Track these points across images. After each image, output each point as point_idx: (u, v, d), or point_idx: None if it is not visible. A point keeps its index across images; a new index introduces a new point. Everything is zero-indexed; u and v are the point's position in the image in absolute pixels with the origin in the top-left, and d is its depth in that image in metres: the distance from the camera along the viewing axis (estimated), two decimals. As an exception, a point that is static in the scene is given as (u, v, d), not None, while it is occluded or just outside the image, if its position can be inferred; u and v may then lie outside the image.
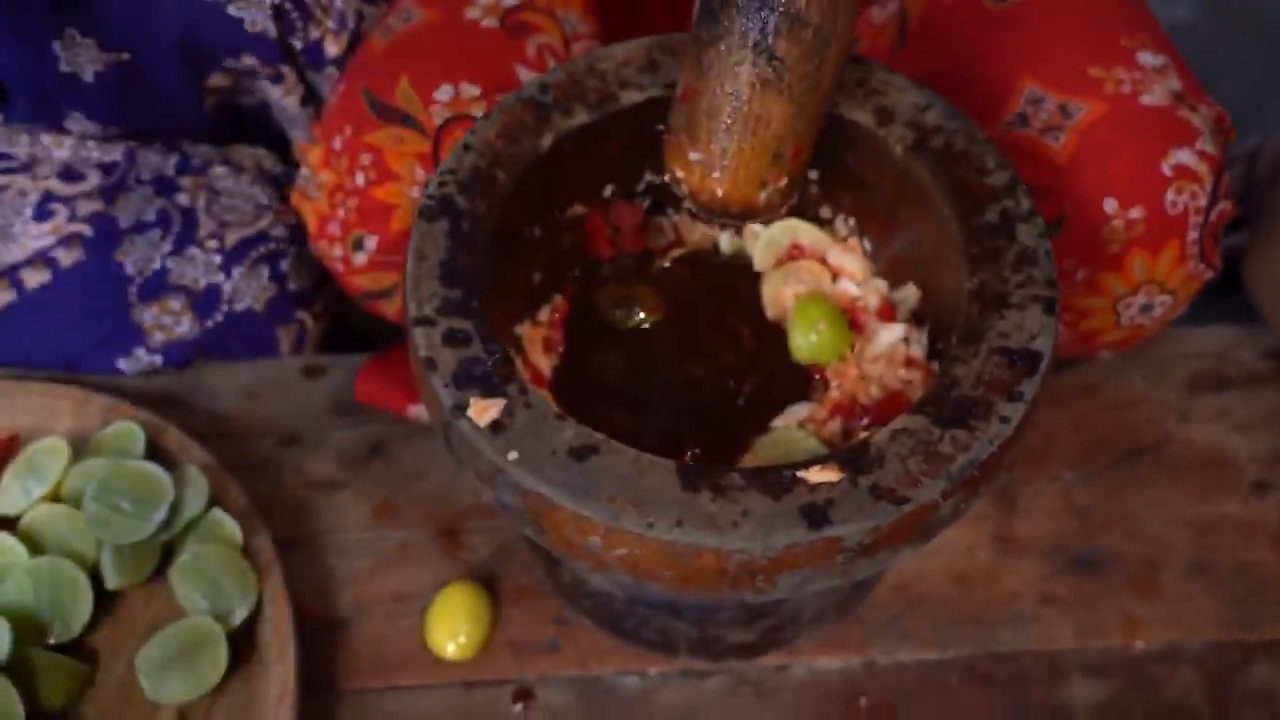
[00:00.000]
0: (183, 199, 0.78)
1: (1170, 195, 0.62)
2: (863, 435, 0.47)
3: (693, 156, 0.55)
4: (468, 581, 0.68)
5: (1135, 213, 0.62)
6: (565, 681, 0.66)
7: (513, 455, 0.46)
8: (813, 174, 0.62)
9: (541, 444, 0.46)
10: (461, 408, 0.47)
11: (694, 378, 0.58)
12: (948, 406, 0.47)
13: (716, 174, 0.55)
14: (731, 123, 0.53)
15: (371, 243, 0.65)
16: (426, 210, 0.54)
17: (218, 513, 0.68)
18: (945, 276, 0.55)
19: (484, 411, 0.47)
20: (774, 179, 0.55)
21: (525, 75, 0.64)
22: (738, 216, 0.57)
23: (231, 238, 0.77)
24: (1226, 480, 0.73)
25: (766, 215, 0.57)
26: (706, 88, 0.52)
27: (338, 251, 0.67)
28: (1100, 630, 0.67)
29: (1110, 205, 0.62)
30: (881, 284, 0.60)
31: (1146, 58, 0.65)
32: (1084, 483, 0.73)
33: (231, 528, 0.67)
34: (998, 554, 0.70)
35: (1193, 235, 0.63)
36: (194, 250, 0.77)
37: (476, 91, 0.63)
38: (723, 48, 0.51)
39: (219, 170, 0.80)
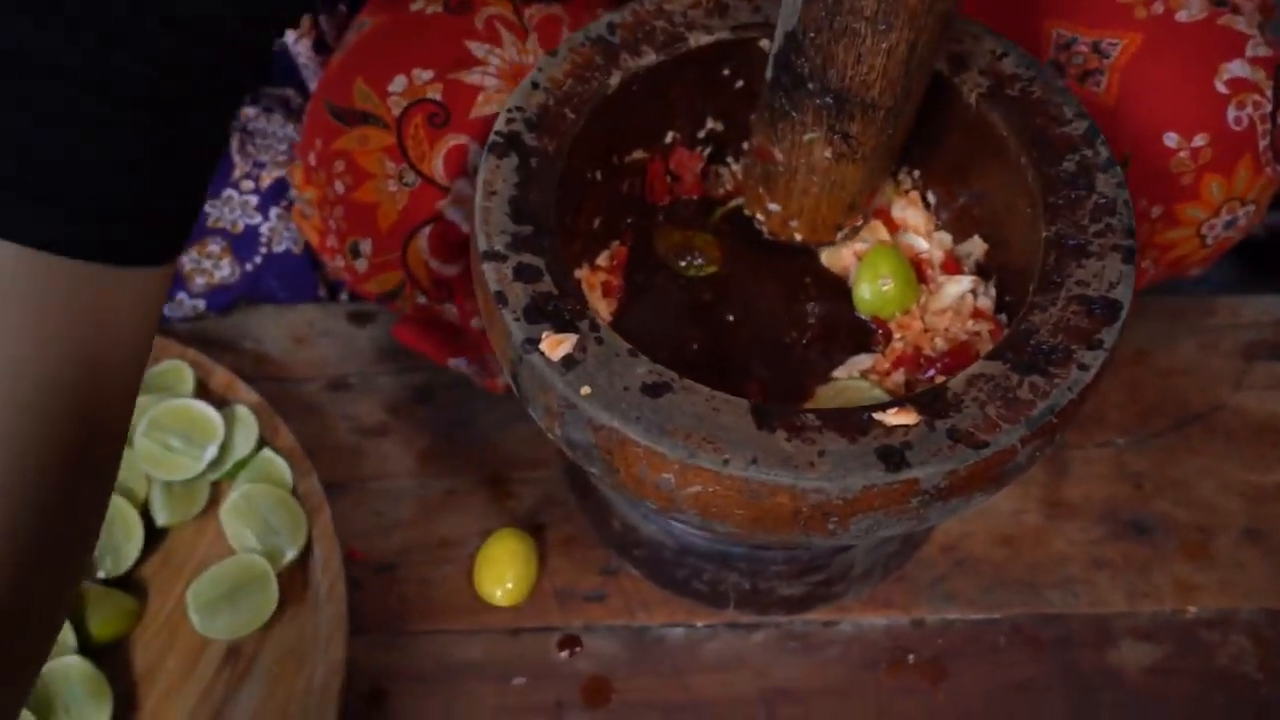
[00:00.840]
0: None
1: (1232, 112, 0.59)
2: (939, 379, 0.47)
3: (771, 207, 0.57)
4: (515, 528, 0.67)
5: (1199, 140, 0.60)
6: (612, 630, 0.66)
7: (585, 390, 0.45)
8: (879, 124, 0.61)
9: (614, 380, 0.46)
10: (534, 341, 0.47)
11: (753, 327, 0.57)
12: (1026, 353, 0.47)
13: (795, 223, 0.57)
14: (807, 187, 0.55)
15: (366, 246, 0.64)
16: (495, 146, 0.53)
17: (268, 453, 0.68)
18: (1015, 229, 0.54)
19: (557, 345, 0.46)
20: (850, 221, 0.58)
21: (477, 49, 0.63)
22: (815, 250, 0.59)
23: (267, 179, 0.77)
24: (1280, 450, 0.72)
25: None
26: (781, 155, 0.54)
27: (341, 263, 0.66)
28: (1152, 595, 0.67)
29: (1172, 139, 0.60)
30: (945, 237, 0.59)
31: None
32: (1135, 449, 0.72)
33: (281, 468, 0.67)
34: (1046, 518, 0.70)
35: (1263, 143, 0.61)
36: (230, 192, 0.76)
37: (430, 74, 0.62)
38: (797, 125, 0.52)
39: (250, 111, 0.80)
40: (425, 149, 0.62)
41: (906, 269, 0.57)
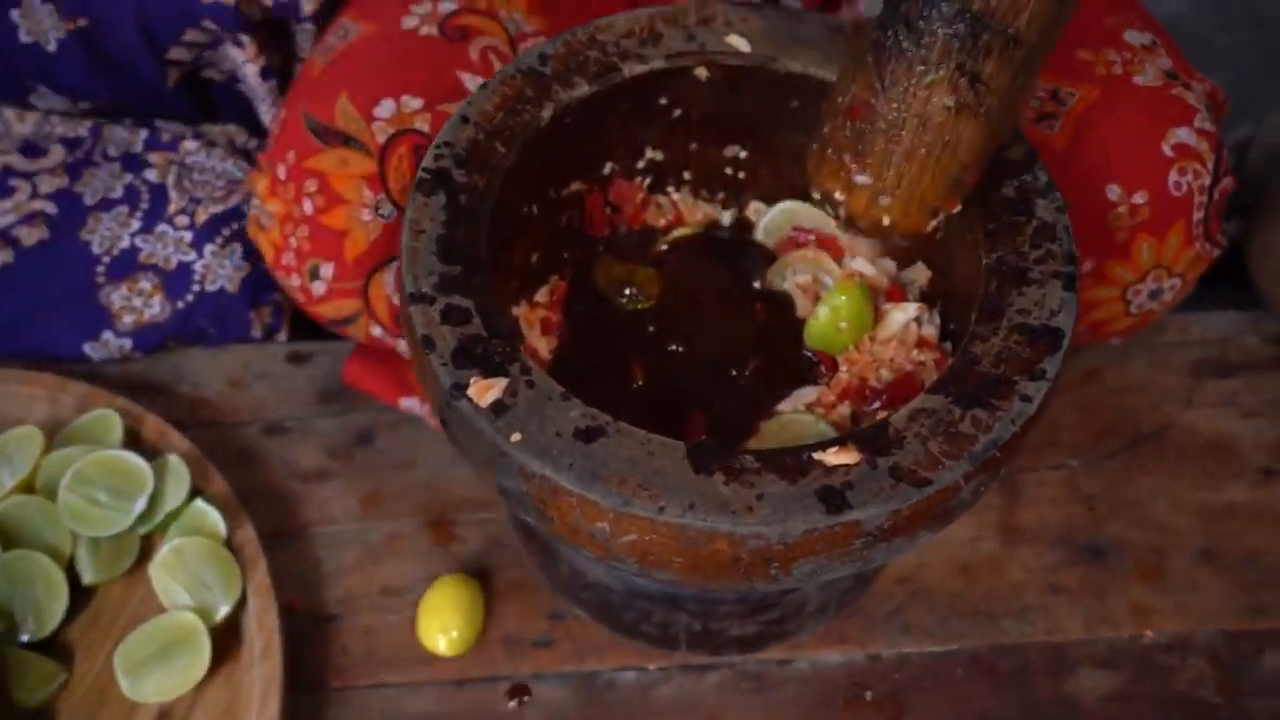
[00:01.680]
0: (152, 175, 0.75)
1: (1173, 176, 0.61)
2: (880, 416, 0.46)
3: (859, 180, 0.49)
4: (459, 574, 0.65)
5: (1139, 197, 0.61)
6: (561, 677, 0.64)
7: (516, 437, 0.44)
8: (819, 151, 0.60)
9: (546, 425, 0.44)
10: (461, 387, 0.45)
11: (697, 359, 0.56)
12: (968, 385, 0.46)
13: (886, 200, 0.49)
14: (914, 148, 0.47)
15: (328, 270, 0.63)
16: (423, 183, 0.51)
17: (199, 504, 0.65)
18: (958, 254, 0.53)
19: (485, 391, 0.45)
20: (949, 206, 0.50)
21: (469, 81, 0.62)
22: (895, 243, 0.52)
23: (203, 214, 0.74)
24: (1232, 467, 0.72)
25: (925, 240, 0.52)
26: (887, 106, 0.46)
27: (296, 282, 0.64)
28: (1109, 620, 0.66)
29: (1113, 191, 0.61)
30: (889, 264, 0.58)
31: (1134, 36, 0.64)
32: (1089, 470, 0.72)
33: (214, 519, 0.65)
34: (1002, 544, 0.69)
35: (1198, 215, 0.62)
36: (164, 227, 0.74)
37: (419, 104, 0.61)
38: (916, 64, 0.45)
39: (189, 145, 0.77)
40: (407, 182, 0.60)
41: (868, 310, 0.55)
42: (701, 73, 0.57)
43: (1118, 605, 0.66)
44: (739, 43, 0.57)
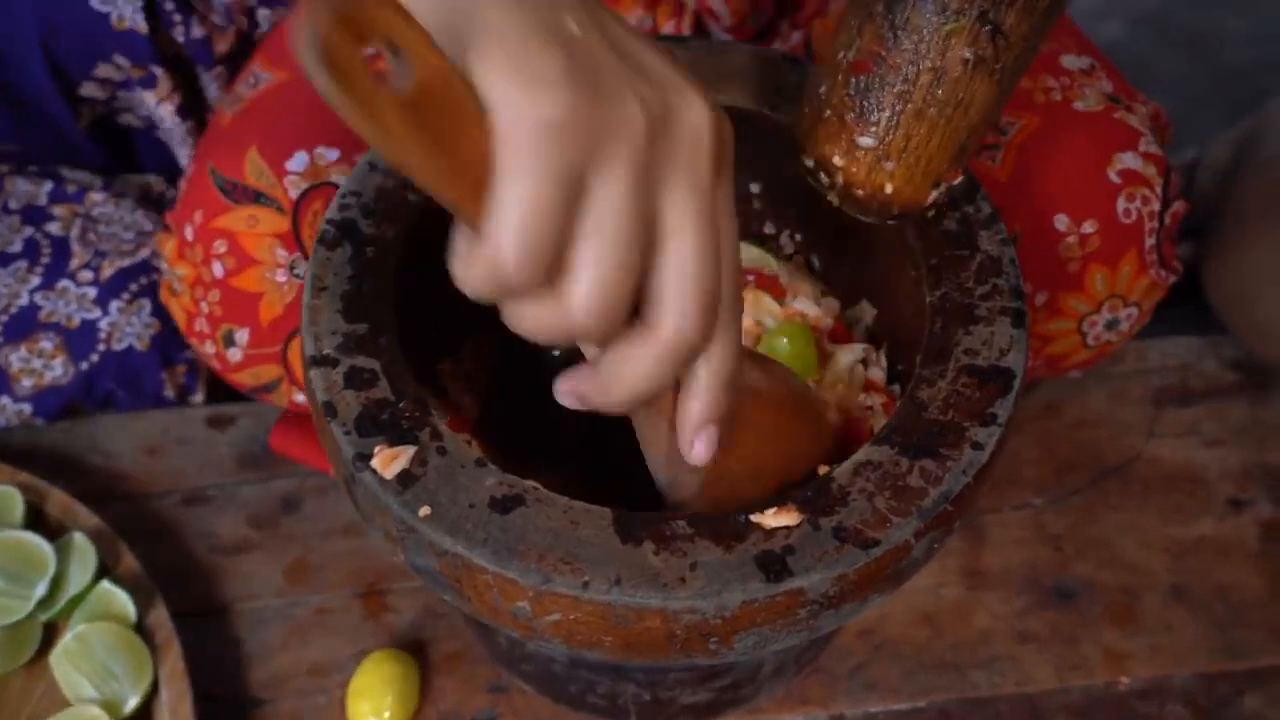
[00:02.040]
0: (54, 228, 0.71)
1: (1121, 203, 0.59)
2: (821, 471, 0.42)
3: (863, 141, 0.45)
4: (392, 650, 0.61)
5: (1088, 226, 0.59)
6: (505, 756, 0.59)
7: (424, 511, 0.40)
8: (754, 187, 0.57)
9: (459, 496, 0.41)
10: (365, 457, 0.41)
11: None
12: (916, 434, 0.42)
13: (890, 165, 0.45)
14: (926, 106, 0.43)
15: (243, 337, 0.59)
16: (326, 236, 0.48)
17: (107, 585, 0.60)
18: (902, 292, 0.50)
19: (390, 461, 0.41)
20: (951, 176, 0.46)
21: None
22: (895, 217, 0.47)
23: (108, 269, 0.70)
24: (1199, 499, 0.69)
25: (921, 215, 0.48)
26: (899, 59, 0.43)
27: (211, 349, 0.60)
28: (1082, 667, 0.63)
29: (1062, 221, 0.59)
30: (834, 303, 0.55)
31: (1071, 61, 0.63)
32: (1053, 509, 0.69)
33: (123, 602, 0.60)
34: (967, 590, 0.66)
35: (1150, 242, 0.60)
36: (65, 283, 0.69)
37: (335, 155, 0.57)
38: (935, 11, 0.42)
39: (96, 196, 0.73)
40: None
41: (811, 351, 0.52)
42: None
43: (1090, 651, 0.63)
44: (664, 77, 0.54)
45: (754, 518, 0.40)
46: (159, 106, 0.70)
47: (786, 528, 0.40)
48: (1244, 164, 0.82)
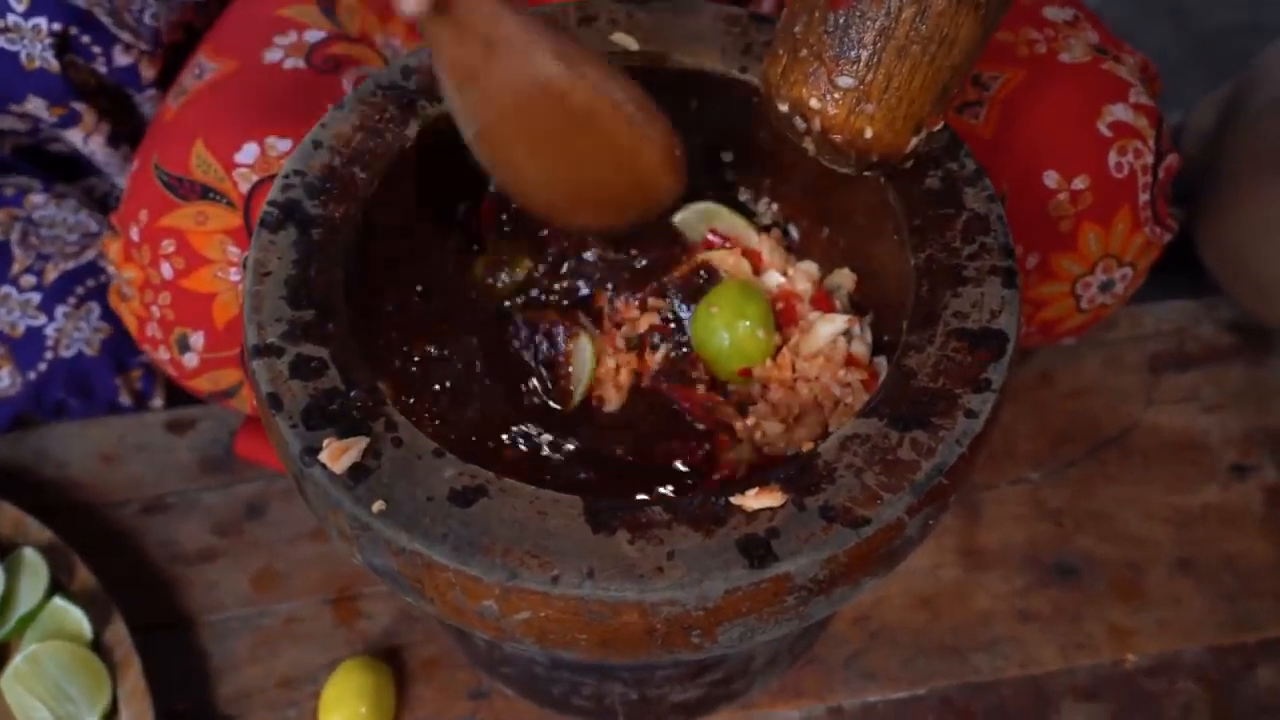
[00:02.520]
0: None
1: (1113, 157, 0.56)
2: (806, 446, 0.40)
3: (842, 82, 0.42)
4: (366, 657, 0.58)
5: (1079, 182, 0.56)
6: (487, 764, 0.56)
7: (378, 505, 0.37)
8: (726, 155, 0.55)
9: (417, 489, 0.38)
10: (313, 451, 0.38)
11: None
12: (904, 404, 0.40)
13: (870, 107, 0.42)
14: (909, 42, 0.41)
15: (198, 340, 0.56)
16: (268, 219, 0.45)
17: (59, 602, 0.57)
18: (884, 256, 0.48)
19: (341, 454, 0.38)
20: (932, 122, 0.44)
21: None
22: (873, 166, 0.45)
23: (52, 272, 0.66)
24: (1202, 466, 0.67)
25: (899, 165, 0.45)
26: None
27: (165, 355, 0.57)
28: (1087, 646, 0.60)
29: (1051, 178, 0.56)
30: (812, 266, 0.52)
31: (1054, 12, 0.60)
32: (1050, 482, 0.66)
33: (77, 618, 0.57)
34: (965, 570, 0.63)
35: (1144, 198, 0.57)
36: (7, 289, 0.66)
37: (287, 145, 0.54)
38: None
39: (36, 199, 0.69)
40: None
41: (759, 310, 0.49)
42: None
43: (1095, 629, 0.61)
44: (625, 41, 0.51)
45: (734, 499, 0.37)
46: (88, 141, 0.67)
47: (770, 509, 0.37)
48: (1231, 123, 0.79)
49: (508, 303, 0.52)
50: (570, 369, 0.49)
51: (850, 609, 0.61)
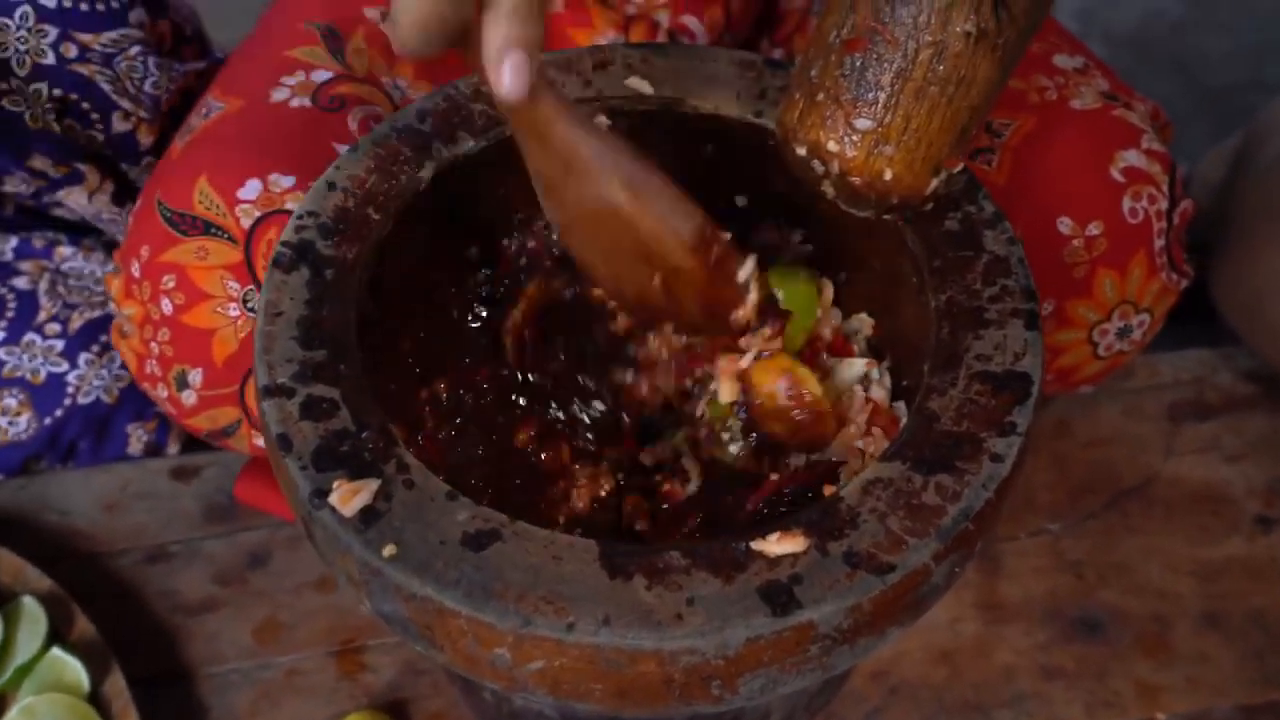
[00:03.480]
0: (21, 282, 0.68)
1: (1127, 202, 0.56)
2: (828, 491, 0.39)
3: (860, 124, 0.42)
4: (370, 711, 0.56)
5: (1094, 228, 0.56)
6: (494, 825, 0.54)
7: (389, 550, 0.36)
8: (740, 200, 0.54)
9: (429, 533, 0.37)
10: (323, 494, 0.37)
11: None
12: (928, 448, 0.39)
13: (889, 149, 0.42)
14: (927, 84, 0.41)
15: (196, 377, 0.55)
16: (281, 259, 0.44)
17: (57, 652, 0.56)
18: (903, 299, 0.47)
19: (351, 497, 0.37)
20: (951, 163, 0.43)
21: None
22: (893, 208, 0.44)
23: (77, 321, 0.67)
24: (1225, 517, 0.65)
25: (919, 207, 0.45)
26: (898, 33, 0.40)
27: (163, 392, 0.57)
28: (1115, 704, 0.58)
29: (1065, 225, 0.56)
30: (835, 312, 0.51)
31: (1064, 60, 0.60)
32: (1071, 533, 0.65)
33: (75, 670, 0.55)
34: (986, 624, 0.61)
35: (1159, 243, 0.57)
36: (32, 337, 0.66)
37: (290, 181, 0.54)
38: None
39: (64, 250, 0.70)
40: None
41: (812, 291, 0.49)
42: (602, 121, 0.51)
43: (1121, 686, 0.59)
44: (640, 85, 0.51)
45: (755, 545, 0.36)
46: (93, 199, 0.67)
47: (792, 555, 0.36)
48: (1241, 174, 0.79)
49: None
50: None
51: (868, 664, 0.60)
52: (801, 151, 0.44)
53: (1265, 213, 0.72)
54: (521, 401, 0.49)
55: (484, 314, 0.51)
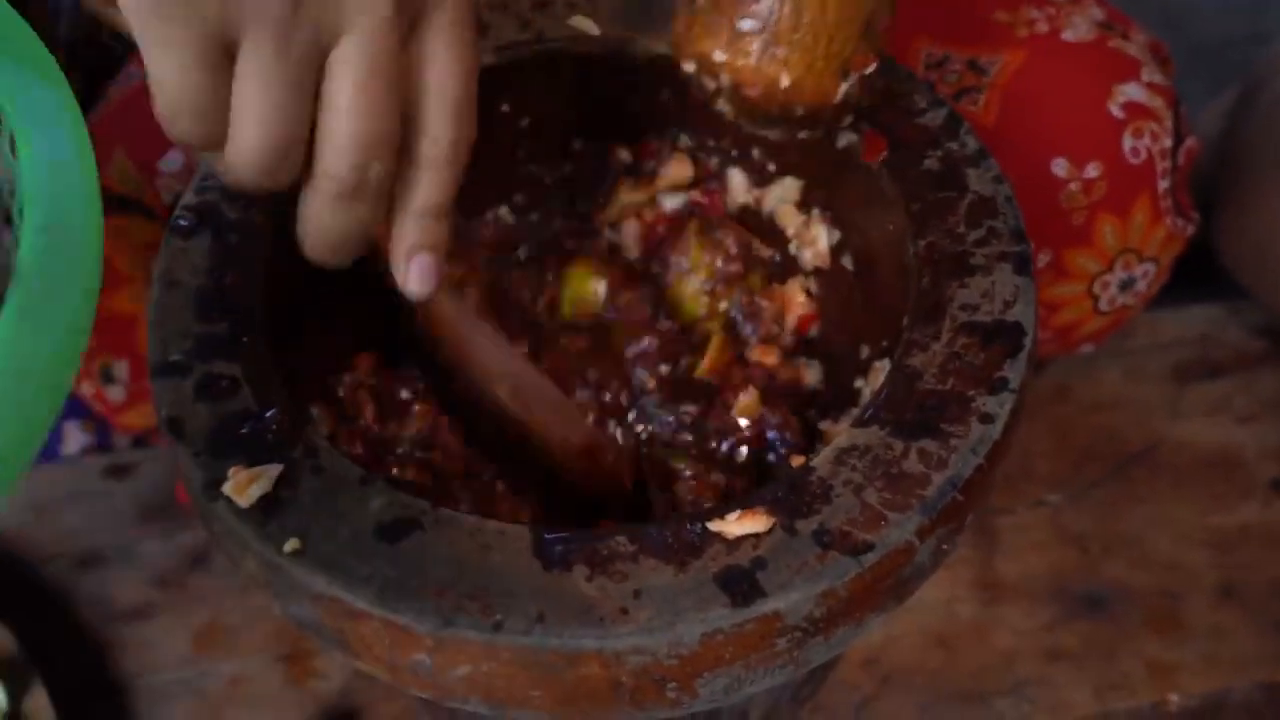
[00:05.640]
0: None
1: (1128, 141, 0.51)
2: (796, 461, 0.34)
3: (744, 25, 0.38)
4: (317, 721, 0.52)
5: (1092, 170, 0.51)
6: (454, 840, 0.50)
7: (292, 544, 0.31)
8: (687, 140, 0.50)
9: (339, 524, 0.32)
10: (217, 483, 0.33)
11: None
12: (909, 409, 0.34)
13: (782, 51, 0.37)
14: None
15: (121, 370, 0.51)
16: (179, 225, 0.40)
17: (-28, 670, 0.51)
18: (879, 247, 0.42)
19: (247, 485, 0.32)
20: (859, 63, 0.39)
21: None
22: (799, 121, 0.39)
23: None
24: (1238, 482, 0.61)
25: (834, 121, 0.40)
26: None
27: (89, 389, 0.52)
28: (1124, 686, 0.54)
29: (1060, 167, 0.51)
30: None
31: None
32: (1073, 504, 0.60)
33: (-9, 688, 0.51)
34: (984, 605, 0.57)
35: (1163, 184, 0.52)
36: None
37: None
38: None
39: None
40: None
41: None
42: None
43: (1132, 666, 0.54)
44: (585, 25, 0.46)
45: (712, 525, 0.31)
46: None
47: (754, 535, 0.31)
48: (1244, 118, 0.75)
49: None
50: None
51: (858, 650, 0.55)
52: (690, 67, 0.39)
53: (1271, 158, 0.67)
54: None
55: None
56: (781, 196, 0.46)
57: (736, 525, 0.31)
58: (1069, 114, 0.51)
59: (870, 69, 0.39)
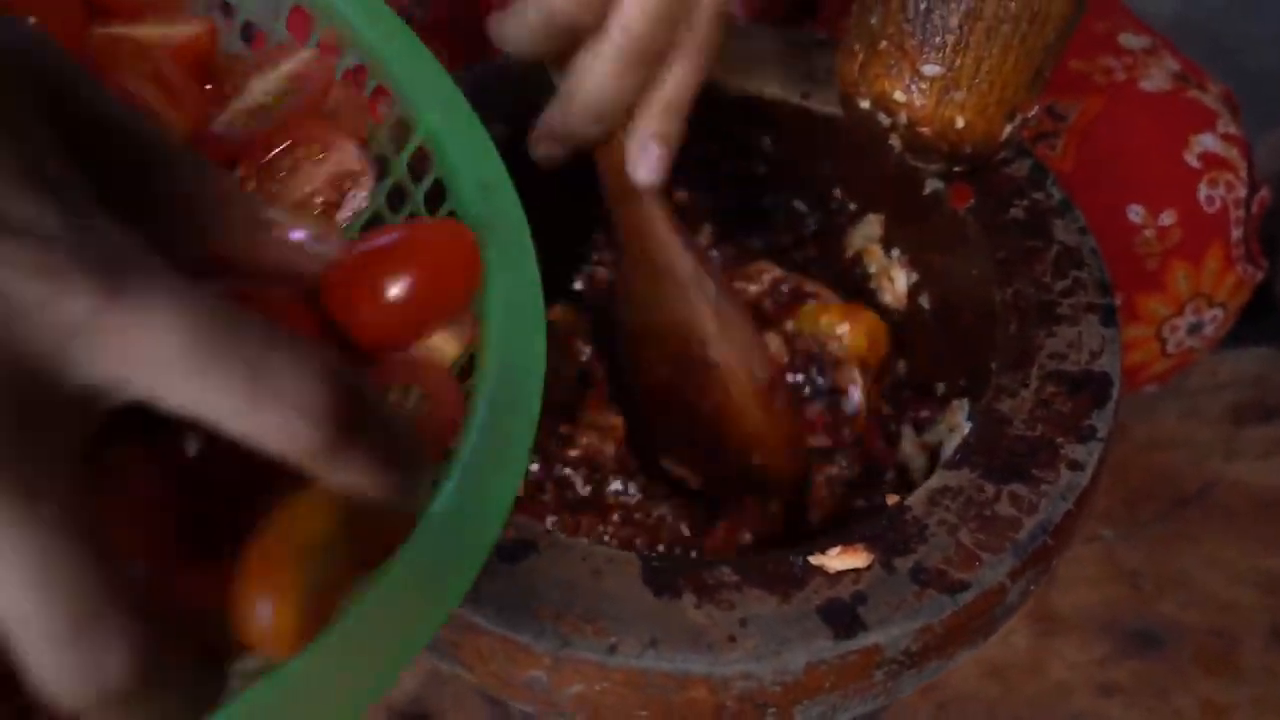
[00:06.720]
0: None
1: (1203, 190, 0.52)
2: (891, 499, 0.36)
3: (927, 70, 0.39)
4: (391, 724, 0.54)
5: (1167, 217, 0.52)
6: (521, 846, 0.52)
7: (416, 563, 0.33)
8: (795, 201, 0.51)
9: (457, 544, 0.34)
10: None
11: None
12: (999, 454, 0.35)
13: (960, 95, 0.39)
14: (998, 22, 0.38)
15: None
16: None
17: None
18: (964, 292, 0.44)
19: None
20: (1026, 106, 0.41)
21: None
22: (965, 159, 0.41)
23: None
24: (1291, 526, 0.62)
25: (993, 159, 0.42)
26: None
27: None
28: (1178, 724, 0.55)
29: (1136, 213, 0.52)
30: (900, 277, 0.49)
31: (1131, 40, 0.57)
32: (1127, 541, 0.62)
33: None
34: (1038, 637, 0.58)
35: (1236, 233, 0.53)
36: None
37: None
38: None
39: None
40: None
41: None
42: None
43: (1186, 704, 0.56)
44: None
45: (814, 559, 0.33)
46: None
47: (855, 570, 0.33)
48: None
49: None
50: None
51: (915, 678, 0.56)
52: (865, 105, 0.41)
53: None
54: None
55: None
56: (867, 235, 0.47)
57: (837, 560, 0.33)
58: (1146, 162, 0.52)
59: (1033, 112, 0.41)
